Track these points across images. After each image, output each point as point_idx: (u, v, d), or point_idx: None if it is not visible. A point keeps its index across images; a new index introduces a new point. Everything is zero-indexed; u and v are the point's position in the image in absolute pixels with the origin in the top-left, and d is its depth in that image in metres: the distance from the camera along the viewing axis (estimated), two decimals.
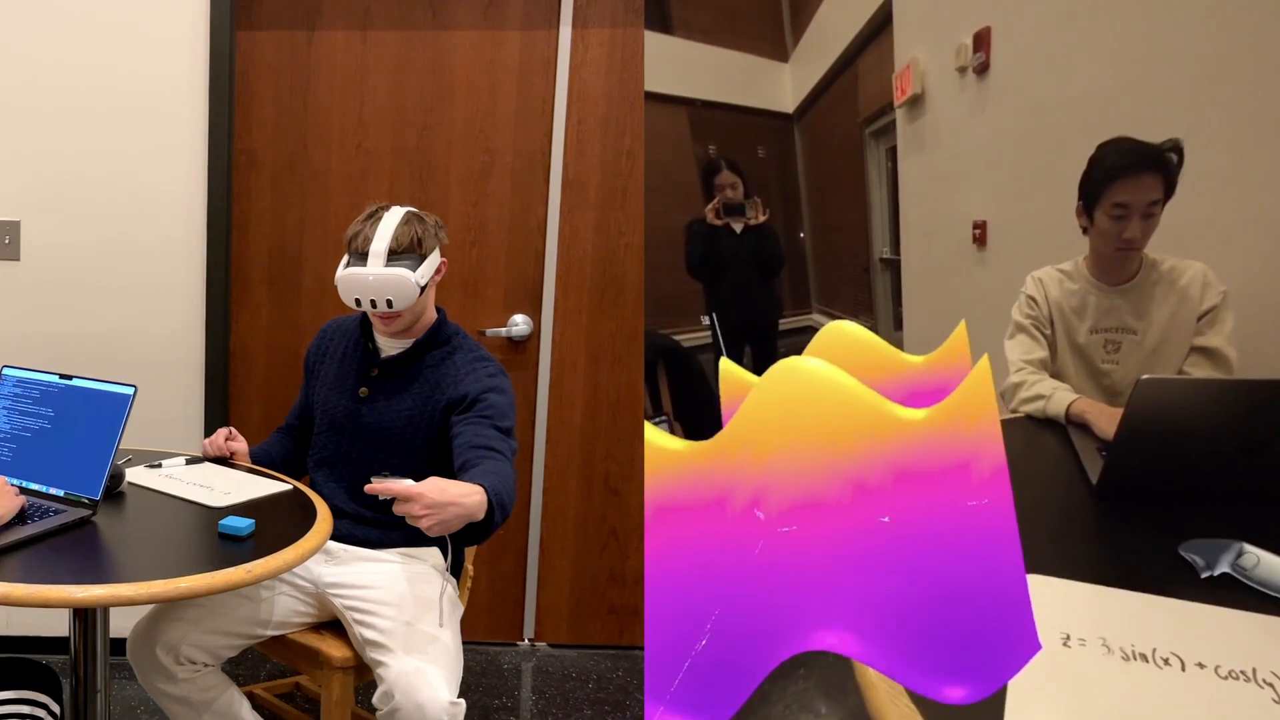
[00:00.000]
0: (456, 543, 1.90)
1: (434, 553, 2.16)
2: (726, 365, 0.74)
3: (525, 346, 3.06)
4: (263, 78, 2.94)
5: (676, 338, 3.39)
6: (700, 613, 0.64)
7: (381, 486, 1.64)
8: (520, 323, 3.03)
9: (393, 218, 2.06)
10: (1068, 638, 1.05)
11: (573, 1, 2.91)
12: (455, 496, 1.68)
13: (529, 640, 3.21)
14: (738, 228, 3.29)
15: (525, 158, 2.99)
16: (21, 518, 1.71)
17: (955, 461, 0.62)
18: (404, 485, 1.63)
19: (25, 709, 1.69)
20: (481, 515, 1.72)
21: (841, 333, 0.82)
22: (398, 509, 1.65)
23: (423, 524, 1.64)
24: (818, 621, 0.64)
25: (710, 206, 3.26)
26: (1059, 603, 1.13)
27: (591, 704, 2.88)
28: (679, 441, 0.64)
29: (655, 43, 3.46)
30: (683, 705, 0.64)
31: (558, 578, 3.18)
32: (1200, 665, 0.99)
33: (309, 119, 2.97)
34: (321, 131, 2.97)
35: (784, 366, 0.64)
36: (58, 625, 2.73)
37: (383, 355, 2.17)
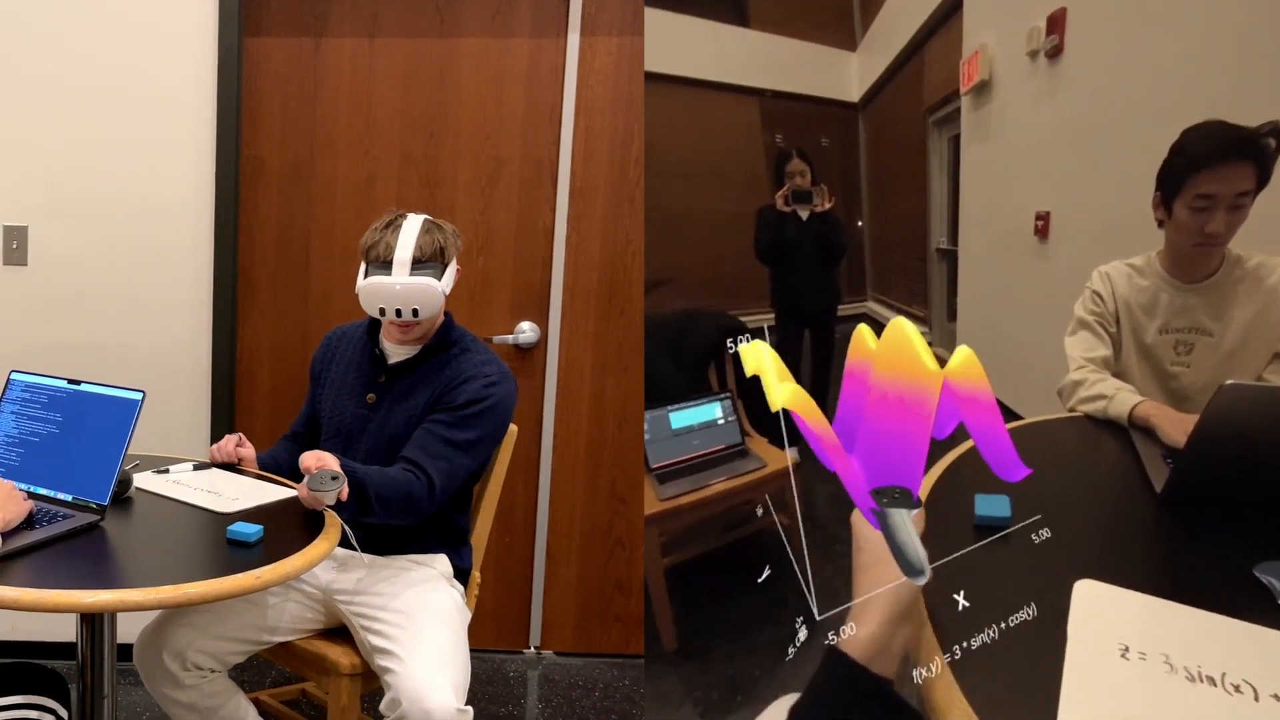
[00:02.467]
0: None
1: (441, 559, 2.16)
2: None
3: (532, 354, 3.06)
4: (270, 84, 2.94)
5: (741, 319, 3.48)
6: None
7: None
8: (527, 330, 3.03)
9: (412, 226, 2.05)
10: (1126, 649, 0.97)
11: (581, 9, 2.91)
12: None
13: (535, 648, 3.21)
14: (804, 215, 3.35)
15: (533, 165, 2.99)
16: (30, 522, 1.70)
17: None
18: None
19: (33, 714, 1.68)
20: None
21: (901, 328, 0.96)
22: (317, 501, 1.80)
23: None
24: None
25: (780, 193, 3.32)
26: (1115, 611, 1.06)
27: (597, 712, 2.87)
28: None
29: (730, 35, 3.51)
30: None
31: (564, 586, 3.18)
32: (1276, 698, 0.91)
33: (316, 126, 2.97)
34: (329, 138, 2.98)
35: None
36: (65, 630, 2.72)
37: (390, 361, 2.17)
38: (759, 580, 1.07)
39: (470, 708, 1.89)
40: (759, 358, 1.00)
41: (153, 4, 2.76)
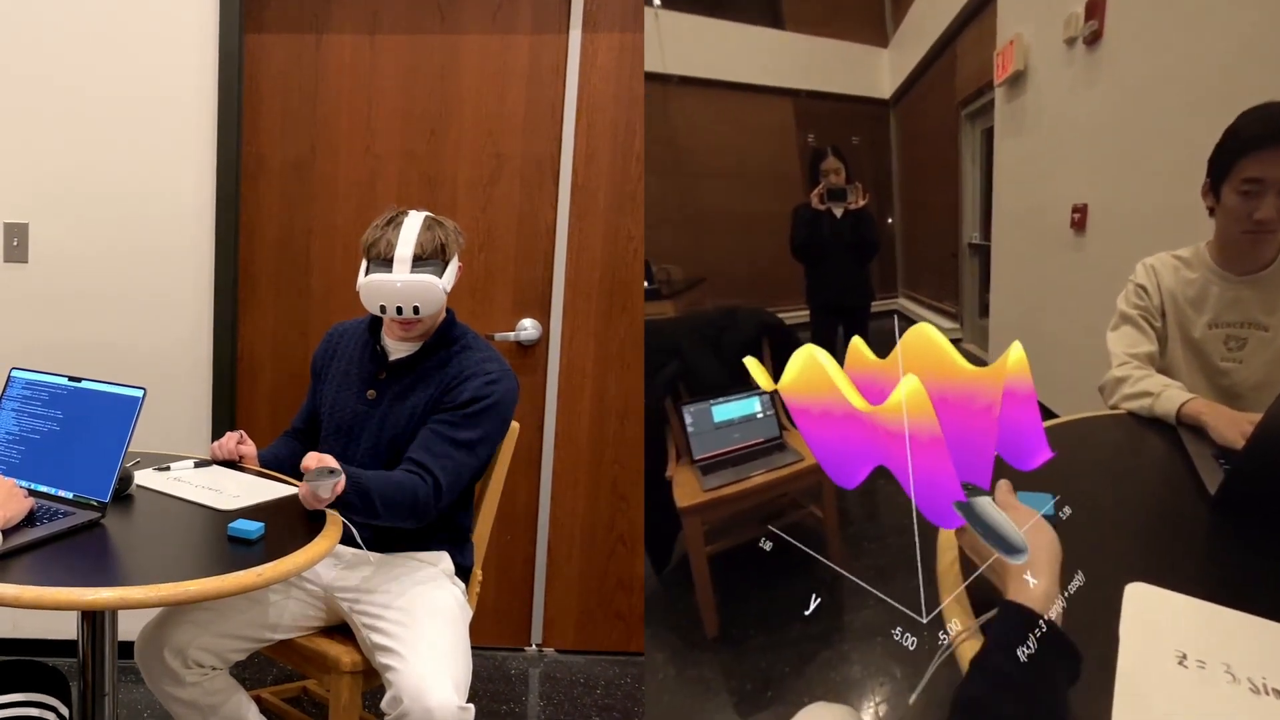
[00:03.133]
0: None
1: (443, 557, 2.16)
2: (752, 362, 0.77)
3: (534, 351, 3.06)
4: (271, 82, 2.94)
5: (778, 316, 3.53)
6: None
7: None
8: (529, 327, 3.03)
9: (413, 223, 2.05)
10: (1184, 657, 0.94)
11: (582, 5, 2.91)
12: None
13: (536, 646, 3.20)
14: (838, 212, 3.38)
15: (534, 162, 2.99)
16: (30, 520, 1.70)
17: None
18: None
19: (34, 711, 1.68)
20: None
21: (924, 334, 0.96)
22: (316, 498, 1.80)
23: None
24: None
25: (815, 191, 3.35)
26: (1170, 616, 1.03)
27: (599, 710, 2.87)
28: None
29: (765, 37, 3.54)
30: None
31: (565, 583, 3.17)
32: None
33: (317, 123, 2.97)
34: (330, 136, 2.97)
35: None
36: (66, 628, 2.72)
37: (391, 358, 2.16)
38: (806, 612, 1.06)
39: (472, 705, 1.88)
40: (814, 365, 0.99)
41: (154, 2, 2.75)
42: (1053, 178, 3.39)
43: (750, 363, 1.08)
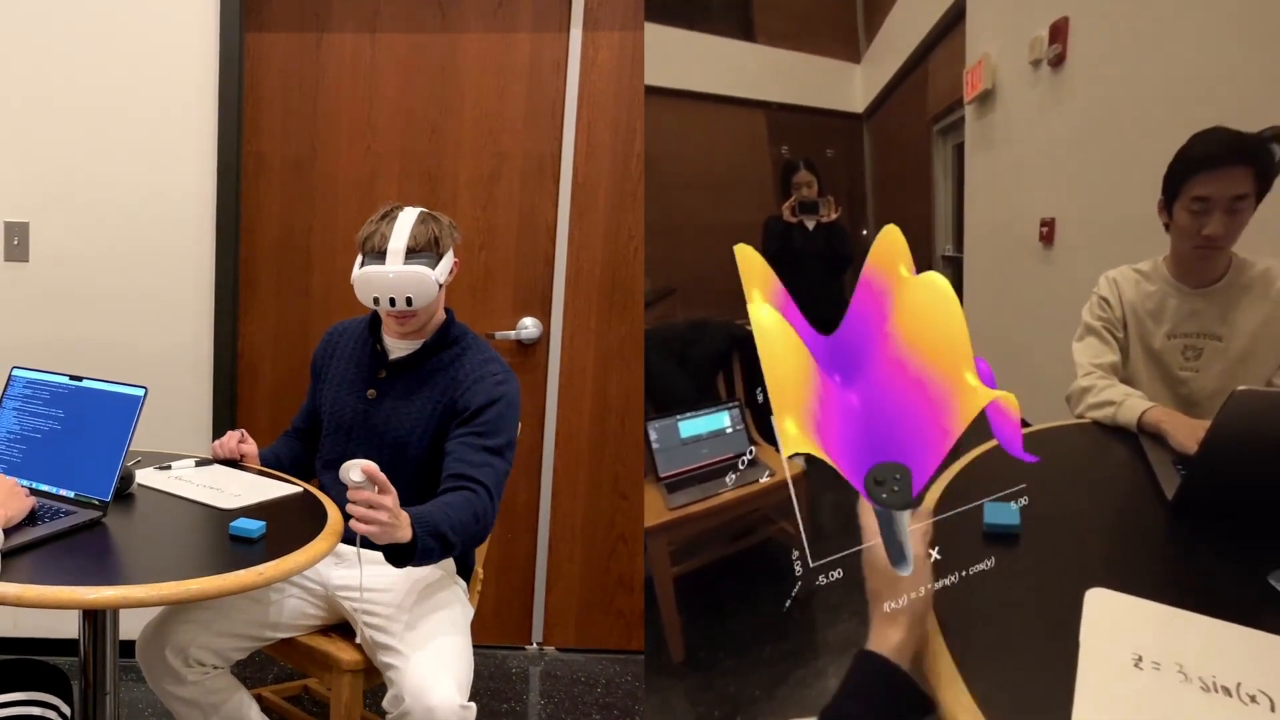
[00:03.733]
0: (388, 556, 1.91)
1: None
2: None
3: (534, 350, 3.06)
4: (272, 80, 2.94)
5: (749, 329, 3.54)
6: None
7: (373, 471, 1.67)
8: (529, 326, 3.03)
9: (408, 217, 2.06)
10: (1139, 659, 0.96)
11: (583, 3, 2.91)
12: (399, 525, 1.72)
13: (537, 644, 3.20)
14: (810, 225, 3.40)
15: (535, 160, 2.99)
16: (32, 519, 1.70)
17: None
18: (385, 483, 1.69)
19: (35, 710, 1.68)
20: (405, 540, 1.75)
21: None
22: (358, 495, 1.68)
23: (362, 525, 1.69)
24: None
25: (787, 204, 3.37)
26: (1127, 620, 1.05)
27: (600, 708, 2.87)
28: None
29: (735, 49, 3.57)
30: None
31: (566, 582, 3.17)
32: None
33: (318, 122, 2.97)
34: (330, 134, 2.97)
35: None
36: (67, 627, 2.72)
37: (391, 357, 2.16)
38: (764, 478, 1.10)
39: (473, 704, 1.88)
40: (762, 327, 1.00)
41: (154, 1, 2.75)
42: (1022, 193, 3.50)
43: (740, 249, 1.09)
